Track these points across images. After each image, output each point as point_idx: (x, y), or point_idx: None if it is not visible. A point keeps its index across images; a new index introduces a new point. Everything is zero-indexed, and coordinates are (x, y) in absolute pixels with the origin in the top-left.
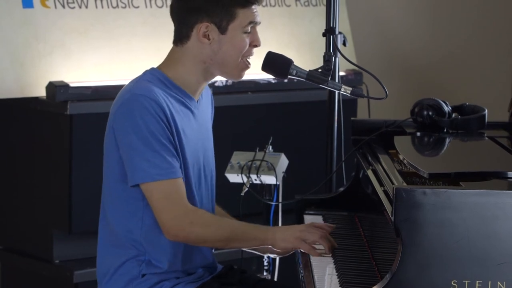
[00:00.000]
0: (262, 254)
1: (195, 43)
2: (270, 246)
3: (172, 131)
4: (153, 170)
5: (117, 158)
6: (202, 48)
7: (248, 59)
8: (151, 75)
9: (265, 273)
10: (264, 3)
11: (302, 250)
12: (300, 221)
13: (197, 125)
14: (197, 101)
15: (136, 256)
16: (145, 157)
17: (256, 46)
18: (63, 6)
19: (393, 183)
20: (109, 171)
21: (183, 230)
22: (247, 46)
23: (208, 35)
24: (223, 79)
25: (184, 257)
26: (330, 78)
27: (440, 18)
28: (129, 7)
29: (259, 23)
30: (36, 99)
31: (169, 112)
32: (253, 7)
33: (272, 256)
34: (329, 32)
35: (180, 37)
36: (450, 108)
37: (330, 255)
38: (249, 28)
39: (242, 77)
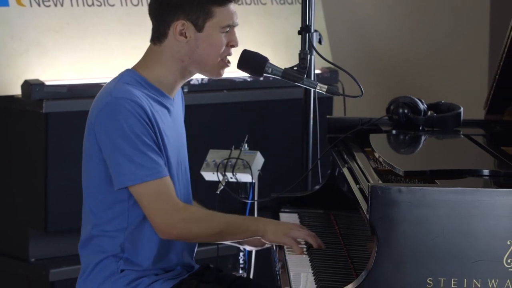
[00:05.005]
0: (239, 246)
1: (172, 41)
2: (254, 238)
3: (155, 131)
4: (141, 172)
5: (100, 161)
6: (179, 46)
7: (227, 58)
8: (128, 76)
9: (241, 271)
10: (239, 1)
11: (287, 245)
12: (276, 219)
13: (173, 122)
14: (173, 99)
15: (115, 254)
16: (132, 159)
17: (233, 46)
18: (39, 5)
19: (368, 181)
20: (91, 173)
21: (175, 227)
22: (224, 46)
23: (185, 33)
24: (199, 77)
25: (163, 256)
26: (305, 76)
27: (416, 17)
28: (105, 5)
29: (237, 25)
30: (11, 98)
31: (151, 113)
32: (231, 6)
33: (248, 248)
34: (305, 30)
35: (158, 36)
36: (425, 106)
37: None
38: (227, 28)
39: (222, 75)
